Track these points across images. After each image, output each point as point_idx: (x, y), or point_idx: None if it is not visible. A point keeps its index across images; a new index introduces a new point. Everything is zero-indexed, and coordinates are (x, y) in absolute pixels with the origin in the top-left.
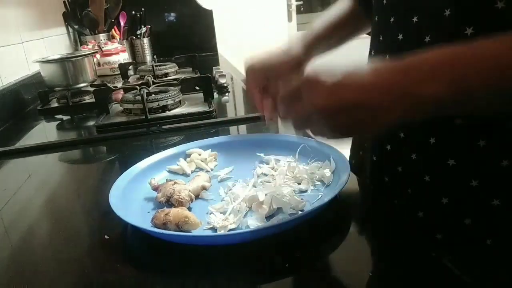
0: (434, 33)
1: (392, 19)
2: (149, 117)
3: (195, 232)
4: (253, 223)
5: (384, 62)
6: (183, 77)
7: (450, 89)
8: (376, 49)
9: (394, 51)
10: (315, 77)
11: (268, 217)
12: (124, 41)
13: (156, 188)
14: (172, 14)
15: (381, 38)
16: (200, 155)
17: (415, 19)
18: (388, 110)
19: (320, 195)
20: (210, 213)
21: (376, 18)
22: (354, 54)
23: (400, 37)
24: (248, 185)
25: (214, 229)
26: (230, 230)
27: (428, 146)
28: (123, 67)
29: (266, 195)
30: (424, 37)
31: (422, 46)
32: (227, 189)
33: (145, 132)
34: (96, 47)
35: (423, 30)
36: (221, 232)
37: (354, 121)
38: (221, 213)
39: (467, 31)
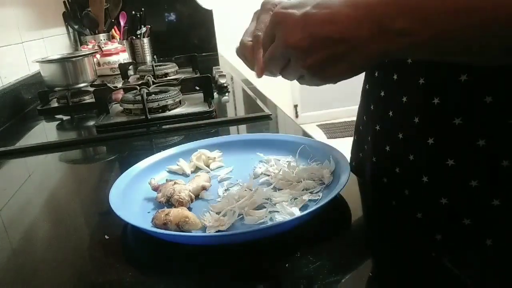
0: None
1: None
2: (149, 117)
3: (195, 232)
4: (247, 225)
5: None
6: (183, 77)
7: (425, 27)
8: None
9: None
10: (284, 11)
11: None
12: (124, 41)
13: (156, 188)
14: (172, 14)
15: None
16: (208, 156)
17: None
18: (364, 43)
19: (320, 195)
20: (207, 212)
21: None
22: None
23: None
24: (246, 190)
25: (204, 227)
26: (219, 231)
27: (426, 146)
28: (123, 67)
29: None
30: None
31: None
32: (224, 189)
33: (145, 132)
34: (96, 47)
35: None
36: (212, 232)
37: (330, 57)
38: (217, 213)
39: None
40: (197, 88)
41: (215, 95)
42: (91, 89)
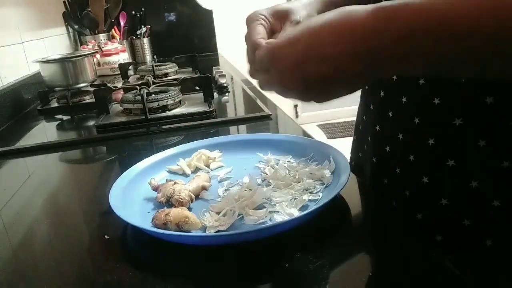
0: None
1: None
2: (149, 117)
3: (195, 232)
4: (247, 225)
5: (347, 16)
6: (183, 77)
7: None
8: None
9: None
10: (278, 51)
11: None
12: (124, 41)
13: (156, 188)
14: (172, 14)
15: None
16: (208, 156)
17: None
18: (358, 76)
19: (320, 195)
20: (207, 212)
21: None
22: None
23: None
24: (246, 190)
25: (204, 227)
26: (219, 231)
27: (427, 147)
28: (123, 67)
29: (264, 202)
30: None
31: None
32: (223, 189)
33: (145, 132)
34: (96, 47)
35: None
36: (212, 232)
37: (324, 91)
38: (217, 213)
39: None
40: (197, 88)
41: (215, 95)
42: (91, 89)
